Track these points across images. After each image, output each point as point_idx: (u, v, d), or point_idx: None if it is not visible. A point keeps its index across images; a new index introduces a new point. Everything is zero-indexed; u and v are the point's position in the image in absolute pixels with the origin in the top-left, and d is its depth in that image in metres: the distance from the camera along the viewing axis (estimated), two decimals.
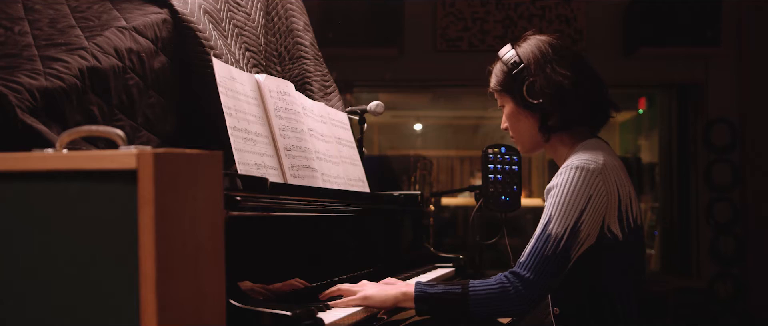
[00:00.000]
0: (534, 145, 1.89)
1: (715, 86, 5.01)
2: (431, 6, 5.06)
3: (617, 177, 1.72)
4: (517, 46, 1.85)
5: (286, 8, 2.58)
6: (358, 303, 1.70)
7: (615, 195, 1.71)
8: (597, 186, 1.68)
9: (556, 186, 1.71)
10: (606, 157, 1.74)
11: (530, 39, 1.85)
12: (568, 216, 1.66)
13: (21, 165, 1.01)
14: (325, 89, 2.60)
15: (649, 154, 5.88)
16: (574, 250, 1.67)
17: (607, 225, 1.71)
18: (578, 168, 1.70)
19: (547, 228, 1.68)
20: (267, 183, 1.61)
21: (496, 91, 1.91)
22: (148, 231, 0.96)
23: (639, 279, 1.79)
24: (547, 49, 1.80)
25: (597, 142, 1.82)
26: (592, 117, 1.84)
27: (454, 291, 1.68)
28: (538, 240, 1.68)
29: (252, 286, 1.58)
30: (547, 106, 1.78)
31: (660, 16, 4.74)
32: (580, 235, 1.67)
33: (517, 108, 1.85)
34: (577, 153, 1.77)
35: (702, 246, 5.01)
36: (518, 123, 1.87)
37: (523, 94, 1.80)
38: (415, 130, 7.85)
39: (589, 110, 1.81)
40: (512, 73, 1.82)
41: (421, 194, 2.58)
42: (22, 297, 1.01)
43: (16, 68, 1.60)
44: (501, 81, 1.87)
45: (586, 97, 1.79)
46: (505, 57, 1.85)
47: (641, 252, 1.80)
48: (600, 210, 1.69)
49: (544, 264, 1.65)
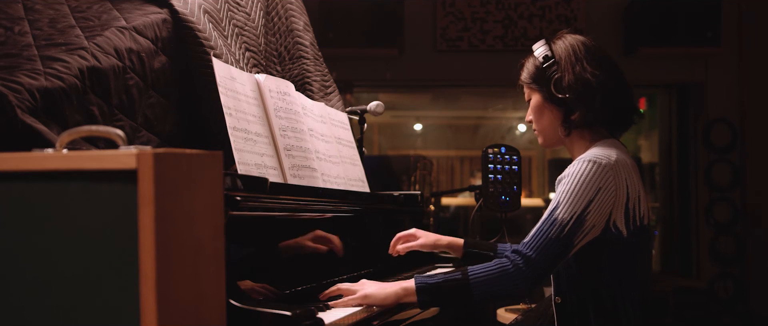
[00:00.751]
0: (555, 139, 1.93)
1: (715, 86, 5.01)
2: (431, 6, 5.06)
3: (628, 176, 1.77)
4: (552, 42, 1.91)
5: (286, 8, 2.58)
6: (359, 302, 1.70)
7: (624, 192, 1.75)
8: (607, 180, 1.73)
9: (568, 176, 1.76)
10: (619, 156, 1.78)
11: (566, 37, 1.90)
12: (576, 205, 1.71)
13: (21, 165, 1.01)
14: (325, 89, 2.60)
15: (649, 153, 5.89)
16: (578, 238, 1.71)
17: (613, 220, 1.75)
18: (591, 161, 1.74)
19: (554, 213, 1.72)
20: (267, 183, 1.61)
21: (525, 83, 1.95)
22: (148, 231, 0.96)
23: (644, 279, 1.81)
24: (579, 48, 1.86)
25: (614, 141, 1.87)
26: (615, 119, 1.88)
27: (455, 277, 1.71)
28: (543, 223, 1.72)
29: (252, 286, 1.58)
30: (572, 101, 1.82)
31: (660, 16, 4.74)
32: (585, 225, 1.71)
33: (544, 101, 1.90)
34: (592, 149, 1.82)
35: (702, 246, 5.01)
36: (542, 115, 1.92)
37: (551, 88, 1.84)
38: (415, 130, 7.85)
39: (611, 111, 1.85)
40: (543, 66, 1.87)
41: (421, 194, 2.58)
42: (22, 297, 1.01)
43: (16, 68, 1.60)
44: (532, 74, 1.92)
45: (611, 99, 1.83)
46: (537, 51, 1.91)
47: (646, 253, 1.83)
48: (608, 204, 1.73)
49: (546, 245, 1.69)
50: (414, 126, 7.80)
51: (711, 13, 4.74)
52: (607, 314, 1.77)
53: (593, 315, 1.78)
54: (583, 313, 1.80)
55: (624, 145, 1.89)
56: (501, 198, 2.35)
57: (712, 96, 5.02)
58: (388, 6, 4.78)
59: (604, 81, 1.82)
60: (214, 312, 1.10)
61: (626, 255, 1.77)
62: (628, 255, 1.78)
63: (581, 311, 1.80)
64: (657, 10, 4.74)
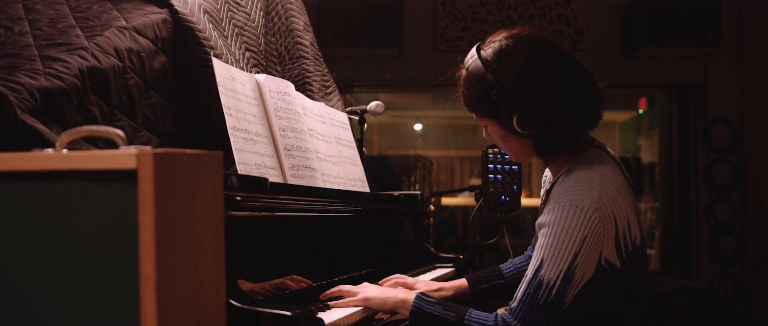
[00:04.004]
0: (529, 157, 1.75)
1: (715, 86, 5.01)
2: (431, 6, 5.06)
3: (614, 205, 1.58)
4: (486, 59, 1.64)
5: (286, 8, 2.58)
6: (359, 303, 1.70)
7: (612, 226, 1.57)
8: (593, 225, 1.55)
9: (548, 226, 1.57)
10: (602, 181, 1.59)
11: (502, 49, 1.64)
12: (561, 261, 1.54)
13: (21, 165, 1.01)
14: (325, 89, 2.60)
15: (649, 154, 5.89)
16: (569, 294, 1.56)
17: (604, 257, 1.58)
18: (571, 207, 1.55)
19: (538, 273, 1.55)
20: (267, 183, 1.61)
21: (472, 112, 1.72)
22: (148, 231, 0.96)
23: (642, 297, 1.68)
24: (527, 70, 1.60)
25: (595, 152, 1.68)
26: (588, 124, 1.68)
27: (449, 317, 1.60)
28: (529, 286, 1.56)
29: (252, 286, 1.58)
30: (541, 132, 1.62)
31: (660, 16, 4.74)
32: (575, 279, 1.55)
33: (504, 131, 1.67)
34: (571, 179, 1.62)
35: (702, 246, 5.01)
36: (508, 143, 1.72)
37: (513, 125, 1.62)
38: (415, 130, 7.84)
39: (585, 122, 1.67)
40: (490, 97, 1.62)
41: (421, 194, 2.58)
42: (22, 297, 1.01)
43: (16, 68, 1.60)
44: (477, 104, 1.67)
45: (580, 112, 1.65)
46: (476, 76, 1.64)
47: (643, 272, 1.67)
48: (596, 248, 1.57)
49: (536, 314, 1.55)
50: (414, 126, 7.80)
51: (711, 13, 4.74)
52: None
53: None
54: None
55: (604, 148, 1.71)
56: (501, 198, 2.35)
57: (712, 96, 5.02)
58: (388, 6, 4.78)
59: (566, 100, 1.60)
60: (214, 312, 1.10)
61: (622, 283, 1.63)
62: (624, 283, 1.63)
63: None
64: (657, 10, 4.74)
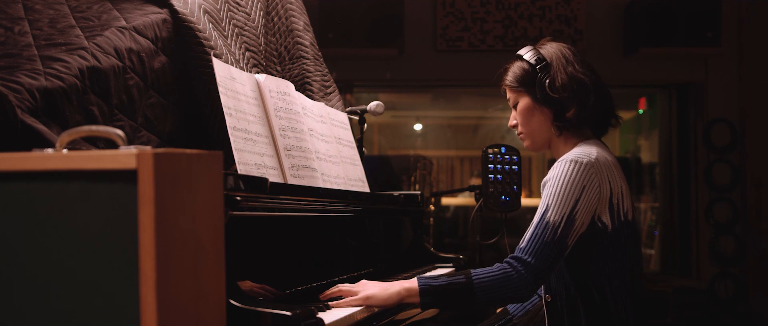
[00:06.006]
0: (543, 141, 1.96)
1: (715, 86, 5.01)
2: (431, 6, 5.06)
3: (609, 172, 1.81)
4: (538, 47, 1.94)
5: (286, 8, 2.58)
6: (361, 302, 1.70)
7: (607, 188, 1.80)
8: (590, 178, 1.78)
9: (552, 179, 1.81)
10: (600, 153, 1.83)
11: (550, 43, 1.94)
12: (565, 205, 1.76)
13: (21, 165, 1.01)
14: (325, 89, 2.60)
15: (649, 154, 5.89)
16: (571, 238, 1.76)
17: (598, 215, 1.79)
18: (572, 161, 1.79)
19: (545, 216, 1.77)
20: (267, 183, 1.61)
21: (511, 87, 1.97)
22: (148, 231, 0.96)
23: (633, 273, 1.84)
24: (566, 52, 1.91)
25: (596, 141, 1.91)
26: (602, 120, 1.93)
27: (459, 280, 1.73)
28: (536, 227, 1.77)
29: (252, 286, 1.58)
30: (566, 100, 1.86)
31: (660, 16, 4.74)
32: (576, 224, 1.76)
33: (534, 103, 1.92)
34: (574, 150, 1.86)
35: (702, 246, 5.01)
36: (532, 118, 1.94)
37: (546, 89, 1.86)
38: (415, 130, 7.85)
39: (602, 110, 1.91)
40: (536, 67, 1.89)
41: (421, 194, 2.58)
42: (22, 297, 1.01)
43: (16, 68, 1.60)
44: (519, 77, 1.94)
45: (601, 97, 1.89)
46: (527, 55, 1.93)
47: (635, 249, 1.86)
48: (593, 200, 1.78)
49: (544, 249, 1.73)
50: (414, 126, 7.80)
51: (711, 13, 4.74)
52: (597, 311, 1.79)
53: (583, 313, 1.80)
54: (573, 310, 1.82)
55: (606, 145, 1.93)
56: (501, 198, 2.35)
57: (712, 96, 5.02)
58: (388, 6, 4.78)
59: (595, 81, 1.88)
60: (214, 312, 1.10)
61: (613, 250, 1.81)
62: (615, 251, 1.81)
63: (571, 308, 1.82)
64: (657, 10, 4.74)
